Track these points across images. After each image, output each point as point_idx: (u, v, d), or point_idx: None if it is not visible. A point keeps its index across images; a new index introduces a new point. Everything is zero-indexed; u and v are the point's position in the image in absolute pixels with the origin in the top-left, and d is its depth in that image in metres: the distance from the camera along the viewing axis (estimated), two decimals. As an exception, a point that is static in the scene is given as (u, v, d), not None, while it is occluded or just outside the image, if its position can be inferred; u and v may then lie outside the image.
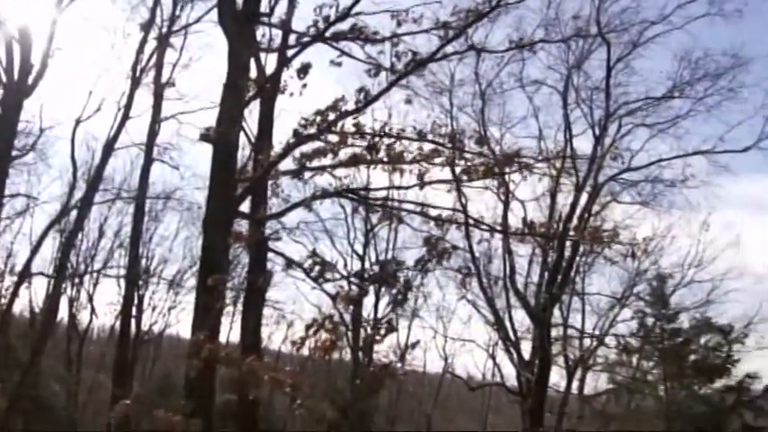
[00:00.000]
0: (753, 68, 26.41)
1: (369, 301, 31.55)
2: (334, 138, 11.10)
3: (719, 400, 23.76)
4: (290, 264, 11.46)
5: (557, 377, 32.32)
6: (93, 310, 38.48)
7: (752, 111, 26.13)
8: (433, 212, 12.33)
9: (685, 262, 29.39)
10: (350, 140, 11.05)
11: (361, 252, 34.31)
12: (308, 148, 11.98)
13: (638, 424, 24.71)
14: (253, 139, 18.26)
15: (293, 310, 30.76)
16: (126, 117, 27.41)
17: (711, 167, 26.63)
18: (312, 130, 11.55)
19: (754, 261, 48.70)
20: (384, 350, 21.76)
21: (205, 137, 12.52)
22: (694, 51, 26.47)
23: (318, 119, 11.41)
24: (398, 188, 12.42)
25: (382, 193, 14.44)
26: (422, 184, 11.51)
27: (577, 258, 28.51)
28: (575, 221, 24.33)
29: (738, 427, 23.44)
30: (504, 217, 24.58)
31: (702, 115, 26.70)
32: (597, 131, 26.84)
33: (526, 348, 27.39)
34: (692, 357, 24.38)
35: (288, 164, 12.40)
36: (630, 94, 27.26)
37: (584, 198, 25.80)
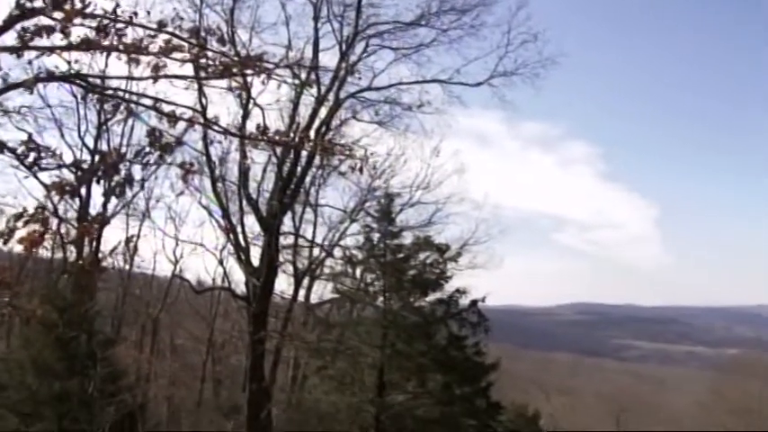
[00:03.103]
0: (495, 10, 28.05)
1: (99, 200, 30.31)
2: (60, 15, 10.21)
3: (431, 312, 25.42)
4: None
5: (285, 285, 33.27)
6: None
7: (488, 49, 27.83)
8: (168, 109, 11.86)
9: (414, 184, 31.22)
10: (78, 20, 10.23)
11: (92, 146, 32.62)
12: (33, 23, 10.95)
13: (356, 331, 25.94)
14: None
15: (15, 205, 28.77)
16: None
17: (446, 97, 28.17)
18: (38, 4, 10.54)
19: (474, 189, 52.78)
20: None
21: None
22: (445, -16, 27.50)
23: (47, -9, 10.42)
24: (130, 78, 11.76)
25: (117, 84, 13.64)
26: (156, 76, 10.96)
27: (313, 170, 29.13)
28: (313, 133, 24.69)
29: (445, 335, 25.38)
30: (243, 121, 24.39)
31: (444, 46, 27.99)
32: (344, 48, 27.24)
33: (256, 255, 27.79)
34: (411, 272, 25.75)
35: (11, 39, 11.30)
36: (381, 15, 27.88)
37: (324, 111, 26.26)
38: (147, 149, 10.19)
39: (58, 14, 10.20)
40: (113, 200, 30.37)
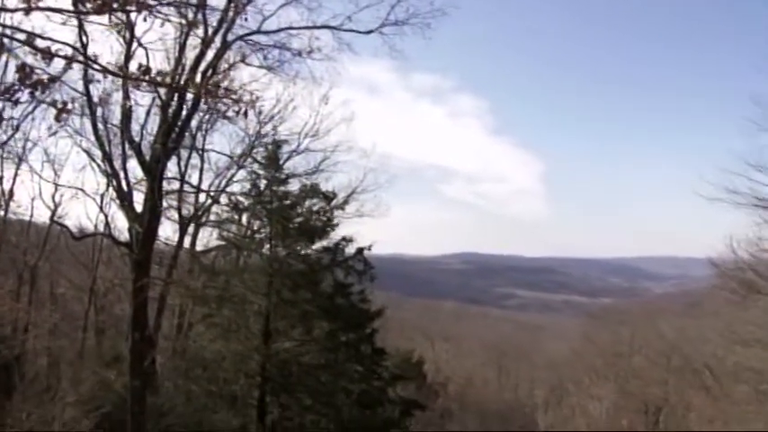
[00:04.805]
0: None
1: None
2: None
3: (317, 260, 25.51)
4: None
5: (170, 231, 32.66)
6: None
7: (381, -4, 27.59)
8: (44, 45, 11.30)
9: (302, 131, 31.07)
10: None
11: (-38, 84, 30.79)
12: None
13: (242, 279, 25.79)
14: None
15: None
16: None
17: (336, 44, 27.78)
18: None
19: (363, 138, 53.05)
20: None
21: None
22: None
23: None
24: (2, 10, 11.13)
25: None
26: (29, 8, 10.39)
27: (199, 114, 28.46)
28: (199, 76, 24.07)
29: (331, 283, 25.57)
30: (126, 61, 23.45)
31: (335, -8, 27.57)
32: (233, -12, 26.53)
33: (139, 201, 27.08)
34: (298, 220, 25.70)
35: None
36: (273, -43, 27.18)
37: (211, 54, 25.58)
38: (17, 86, 9.63)
39: None
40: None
